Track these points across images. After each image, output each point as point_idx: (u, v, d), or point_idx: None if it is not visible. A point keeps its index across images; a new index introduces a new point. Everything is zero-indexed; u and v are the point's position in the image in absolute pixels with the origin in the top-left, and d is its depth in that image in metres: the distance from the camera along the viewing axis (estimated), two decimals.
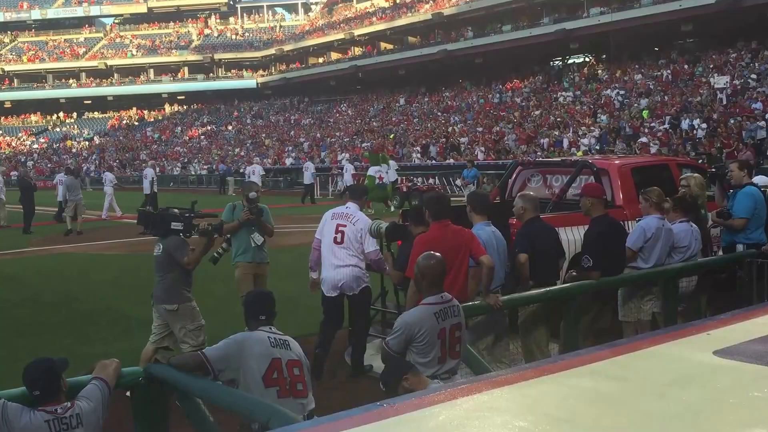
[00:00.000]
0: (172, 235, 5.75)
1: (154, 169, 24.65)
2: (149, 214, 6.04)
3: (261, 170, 27.13)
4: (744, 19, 30.83)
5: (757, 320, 2.87)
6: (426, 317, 3.83)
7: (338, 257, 6.25)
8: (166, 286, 5.78)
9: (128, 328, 8.29)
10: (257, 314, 3.74)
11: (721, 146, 21.81)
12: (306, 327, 8.06)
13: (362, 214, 6.48)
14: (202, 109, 62.76)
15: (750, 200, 6.43)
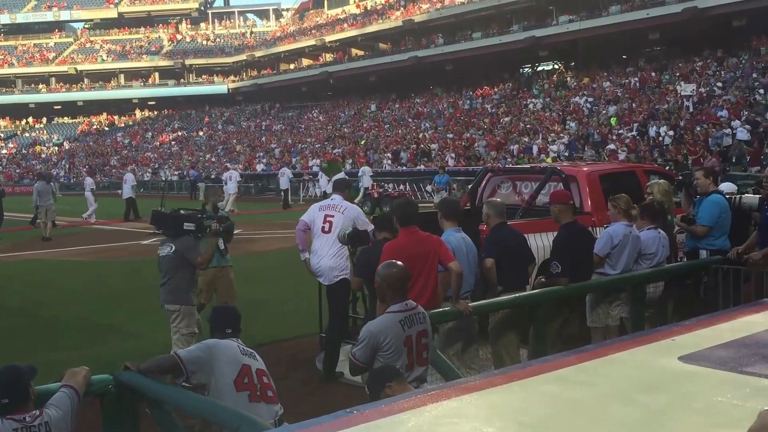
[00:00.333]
0: (184, 235, 5.85)
1: (134, 174, 24.70)
2: (163, 214, 6.09)
3: (238, 176, 27.04)
4: (709, 27, 31.51)
5: (721, 326, 2.92)
6: (391, 325, 3.79)
7: (322, 246, 6.42)
8: (173, 287, 5.88)
9: (97, 335, 8.18)
10: (224, 328, 3.76)
11: (687, 153, 22.21)
12: (279, 331, 8.04)
13: (349, 203, 6.64)
14: (173, 114, 62.17)
15: (715, 208, 6.56)
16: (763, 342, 2.61)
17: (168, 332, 7.78)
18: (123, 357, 6.84)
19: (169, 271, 5.89)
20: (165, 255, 5.90)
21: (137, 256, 15.00)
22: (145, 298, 10.26)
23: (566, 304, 5.91)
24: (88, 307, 9.90)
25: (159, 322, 8.65)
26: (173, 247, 5.84)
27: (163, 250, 5.94)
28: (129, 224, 21.70)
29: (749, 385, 2.12)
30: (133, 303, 10.03)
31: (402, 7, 47.34)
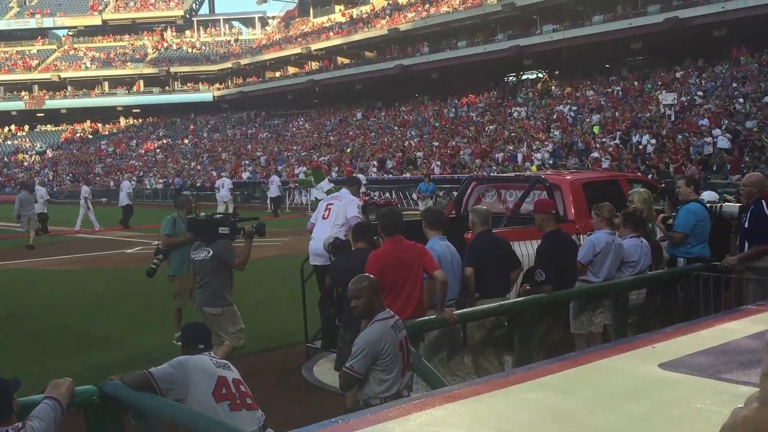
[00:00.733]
0: (219, 239, 6.04)
1: (131, 182, 24.83)
2: (197, 220, 6.38)
3: (230, 184, 27.04)
4: (690, 38, 31.91)
5: (700, 333, 2.97)
6: (385, 331, 3.86)
7: (321, 231, 6.82)
8: (214, 290, 6.08)
9: (81, 345, 8.12)
10: (195, 344, 3.77)
11: (669, 161, 22.44)
12: (267, 339, 8.02)
13: (352, 196, 7.02)
14: (158, 122, 61.89)
15: (691, 216, 6.64)
16: (741, 349, 2.65)
17: (153, 342, 7.77)
18: (107, 367, 6.82)
19: (206, 275, 6.08)
20: (201, 259, 6.10)
21: (121, 264, 14.92)
22: (129, 307, 10.23)
23: (550, 311, 5.96)
24: (71, 316, 9.82)
25: (143, 331, 8.63)
26: (210, 252, 6.04)
27: (199, 254, 6.14)
28: (114, 232, 21.59)
29: (727, 392, 2.16)
30: (116, 312, 9.97)
31: (387, 16, 47.53)
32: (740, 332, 2.87)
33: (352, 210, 6.91)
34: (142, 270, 13.62)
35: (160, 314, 9.48)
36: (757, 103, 25.34)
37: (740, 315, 3.25)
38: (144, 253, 16.81)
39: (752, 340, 2.74)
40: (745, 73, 28.98)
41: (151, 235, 20.17)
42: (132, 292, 11.46)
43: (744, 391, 2.19)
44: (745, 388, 2.24)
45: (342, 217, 6.90)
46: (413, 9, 46.25)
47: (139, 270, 13.86)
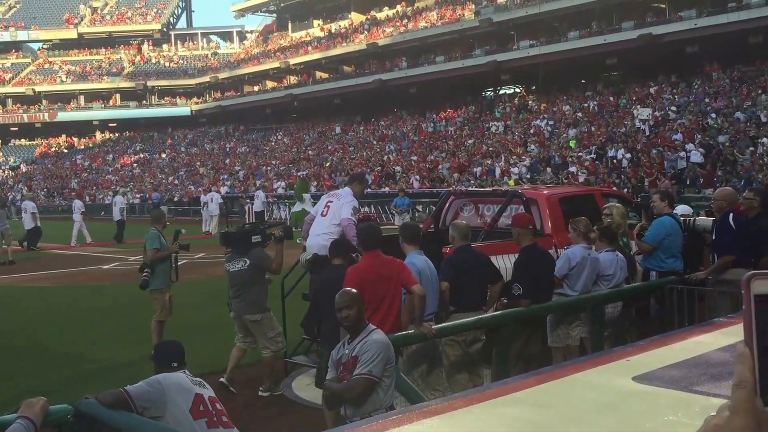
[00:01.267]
0: (253, 248, 6.35)
1: (124, 197, 25.18)
2: (230, 234, 6.76)
3: (219, 198, 26.90)
4: (664, 54, 32.47)
5: (673, 346, 3.01)
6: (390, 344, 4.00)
7: (319, 227, 6.89)
8: (253, 298, 6.41)
9: (55, 363, 8.00)
10: (169, 362, 3.76)
11: (644, 175, 22.75)
12: (244, 356, 7.96)
13: (351, 195, 7.07)
14: (135, 136, 61.42)
15: (660, 229, 6.77)
16: (712, 362, 2.70)
17: (128, 358, 7.70)
18: (81, 384, 6.73)
19: (244, 285, 6.38)
20: (238, 270, 6.40)
21: (96, 281, 14.76)
22: (103, 324, 10.11)
23: (528, 324, 6.00)
24: (44, 334, 9.68)
25: (117, 348, 8.54)
26: (247, 261, 6.34)
27: (235, 265, 6.44)
28: (90, 248, 21.37)
29: (698, 404, 2.20)
30: (90, 329, 9.85)
31: (366, 31, 47.79)
32: (711, 345, 2.92)
33: (346, 211, 6.84)
34: (118, 286, 13.48)
35: (135, 330, 9.39)
36: (729, 118, 25.83)
37: (711, 328, 3.31)
38: (120, 269, 16.65)
39: (723, 352, 2.79)
40: (717, 88, 29.54)
41: (128, 251, 20.00)
42: (106, 310, 11.34)
43: (714, 403, 2.22)
44: (715, 400, 2.28)
45: (338, 216, 6.87)
46: (391, 24, 46.57)
47: (114, 286, 13.79)
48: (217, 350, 8.37)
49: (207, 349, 8.18)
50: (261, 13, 60.88)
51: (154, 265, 7.89)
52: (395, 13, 48.05)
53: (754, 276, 0.88)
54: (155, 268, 7.89)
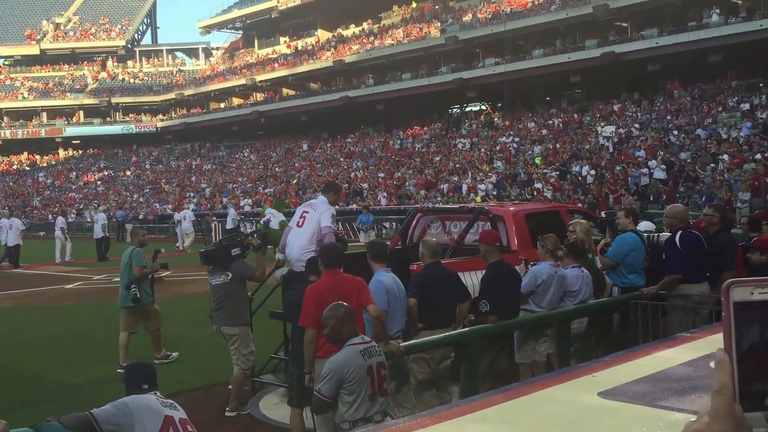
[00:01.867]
0: (234, 261, 6.52)
1: (106, 214, 25.23)
2: (210, 252, 6.87)
3: (192, 216, 26.61)
4: (626, 72, 33.19)
5: (637, 361, 3.04)
6: (353, 356, 4.01)
7: (296, 238, 6.89)
8: (234, 311, 6.52)
9: (16, 385, 7.80)
10: (140, 384, 3.69)
11: (608, 192, 23.11)
12: (212, 376, 7.85)
13: (327, 204, 7.08)
14: (99, 154, 60.51)
15: (622, 245, 6.91)
16: (675, 376, 2.73)
17: (91, 378, 7.55)
18: (43, 406, 6.55)
19: (225, 297, 6.48)
20: (220, 283, 6.53)
21: (59, 301, 14.44)
22: (66, 345, 9.87)
23: (495, 341, 6.03)
24: (4, 355, 9.42)
25: (81, 368, 8.35)
26: (229, 275, 6.48)
27: (216, 279, 6.57)
28: (55, 267, 20.95)
29: (662, 419, 2.23)
30: (53, 350, 9.62)
31: (332, 48, 47.96)
32: (675, 360, 2.96)
33: (325, 219, 6.81)
34: (81, 306, 13.19)
35: (99, 350, 9.20)
36: (690, 135, 26.44)
37: (675, 343, 3.36)
38: (84, 288, 16.31)
39: (686, 367, 2.83)
40: (679, 106, 30.24)
41: (92, 270, 19.62)
42: (70, 328, 11.10)
43: (678, 417, 2.26)
44: (679, 414, 2.31)
45: (314, 227, 6.79)
46: (358, 41, 46.82)
47: (78, 306, 13.48)
48: (182, 369, 8.25)
49: (171, 368, 8.05)
50: (227, 30, 60.73)
51: (141, 281, 8.36)
52: (361, 30, 48.37)
53: (733, 284, 0.90)
54: (140, 286, 8.35)
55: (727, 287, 0.90)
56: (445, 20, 42.45)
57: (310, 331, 4.88)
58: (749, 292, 0.89)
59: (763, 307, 0.89)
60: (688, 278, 6.36)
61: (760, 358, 0.88)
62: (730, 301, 0.89)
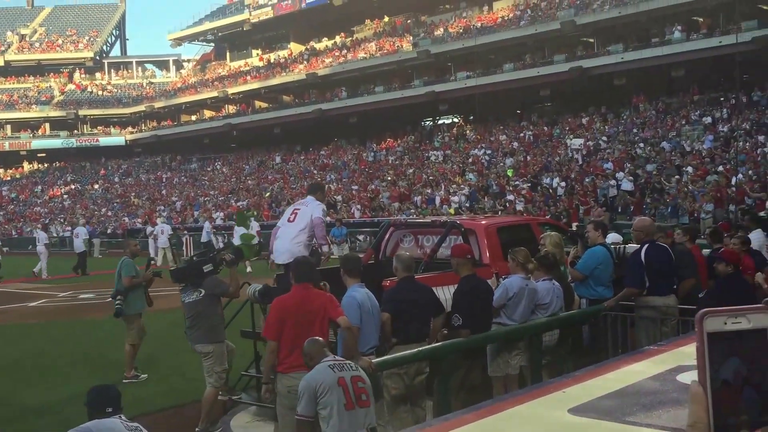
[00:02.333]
0: (206, 278, 6.43)
1: (87, 228, 24.95)
2: (181, 269, 6.85)
3: (170, 230, 26.29)
4: (594, 85, 33.78)
5: (606, 376, 3.07)
6: (322, 370, 4.10)
7: (287, 233, 7.02)
8: (207, 328, 6.43)
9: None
10: (103, 408, 3.61)
11: (578, 203, 23.40)
12: (183, 395, 7.74)
13: (317, 201, 7.33)
14: (66, 167, 59.52)
15: (591, 259, 7.02)
16: (643, 391, 2.77)
17: (52, 399, 7.40)
18: (9, 429, 6.39)
19: (199, 314, 6.41)
20: (193, 300, 6.44)
21: (21, 320, 14.10)
22: (28, 366, 9.63)
23: (468, 355, 6.04)
24: None
25: (44, 390, 8.16)
26: (202, 292, 6.40)
27: (189, 296, 6.49)
28: (19, 285, 20.50)
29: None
30: (16, 371, 9.39)
31: (305, 61, 47.99)
32: (642, 374, 3.00)
33: (317, 211, 7.10)
34: (45, 325, 12.90)
35: (62, 371, 9.02)
36: (655, 147, 26.94)
37: (643, 356, 3.41)
38: (49, 306, 15.98)
39: (653, 381, 2.87)
40: (644, 119, 30.82)
41: (57, 287, 19.25)
42: (33, 348, 10.85)
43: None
44: (647, 430, 2.34)
45: (306, 221, 7.00)
46: (330, 54, 46.91)
47: (41, 325, 13.17)
48: (149, 388, 8.11)
49: (138, 388, 7.91)
50: (198, 42, 60.40)
51: (128, 293, 8.34)
52: (334, 43, 48.49)
53: (706, 314, 0.89)
54: (128, 296, 8.35)
55: (701, 318, 0.89)
56: (417, 34, 42.78)
57: (271, 342, 4.97)
58: (722, 323, 0.88)
59: (736, 338, 0.87)
60: (654, 291, 6.46)
61: (735, 391, 0.87)
62: (703, 332, 0.88)
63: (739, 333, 0.88)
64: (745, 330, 0.88)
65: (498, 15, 40.28)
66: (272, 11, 50.08)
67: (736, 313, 0.88)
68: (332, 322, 5.00)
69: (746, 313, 0.88)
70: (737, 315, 0.88)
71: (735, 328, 0.88)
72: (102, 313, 14.13)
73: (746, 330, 0.88)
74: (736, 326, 0.88)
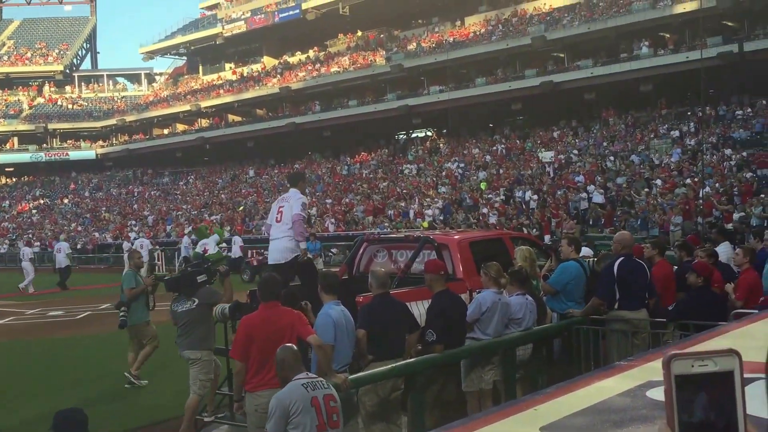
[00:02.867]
0: (200, 287, 6.57)
1: (68, 243, 25.47)
2: (175, 279, 6.95)
3: (149, 245, 26.11)
4: (564, 100, 34.25)
5: (578, 393, 3.10)
6: (295, 389, 4.03)
7: (275, 233, 7.18)
8: (199, 336, 6.55)
9: None
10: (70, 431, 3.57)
11: (550, 216, 23.63)
12: (156, 413, 7.64)
13: (299, 194, 7.37)
14: (34, 181, 58.55)
15: (563, 274, 7.11)
16: (614, 408, 2.80)
17: (15, 421, 7.26)
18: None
19: (191, 323, 6.53)
20: (186, 309, 6.56)
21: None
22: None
23: (442, 370, 6.05)
24: None
25: (11, 411, 7.98)
26: (196, 301, 6.54)
27: (182, 305, 6.60)
28: None
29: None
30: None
31: (279, 75, 47.95)
32: (612, 390, 3.03)
33: (296, 207, 7.13)
34: (11, 344, 12.61)
35: (27, 392, 8.84)
36: (625, 160, 27.36)
37: (613, 371, 3.44)
38: (17, 324, 15.64)
39: (623, 398, 2.90)
40: (614, 133, 31.33)
41: (26, 304, 18.86)
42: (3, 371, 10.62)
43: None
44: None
45: (290, 220, 7.07)
46: (304, 68, 46.96)
47: (7, 344, 12.86)
48: (118, 408, 7.97)
49: (108, 408, 7.78)
50: (171, 56, 60.09)
51: (131, 303, 8.59)
52: (308, 57, 48.55)
53: (674, 357, 0.90)
54: (131, 306, 8.59)
55: (668, 360, 0.90)
56: (390, 49, 43.05)
57: (238, 363, 5.00)
58: (689, 365, 0.89)
59: (703, 380, 0.88)
60: (625, 305, 6.53)
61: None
62: (671, 375, 0.89)
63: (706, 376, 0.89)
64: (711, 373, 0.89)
65: (470, 30, 40.74)
66: (245, 25, 50.02)
67: (703, 357, 0.89)
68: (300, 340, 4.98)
69: (713, 356, 0.90)
70: (704, 358, 0.89)
71: (702, 371, 0.89)
72: (71, 330, 13.93)
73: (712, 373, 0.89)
74: (703, 369, 0.89)
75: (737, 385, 0.89)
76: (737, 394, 0.89)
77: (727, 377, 0.89)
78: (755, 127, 26.45)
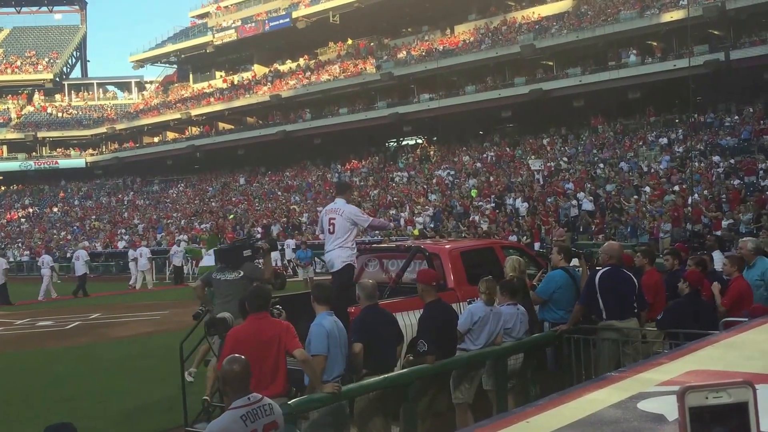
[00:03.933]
0: (246, 261, 6.95)
1: (87, 251, 25.79)
2: (226, 250, 7.49)
3: (148, 252, 26.05)
4: (553, 107, 34.43)
5: (568, 405, 3.11)
6: (231, 422, 3.60)
7: (329, 243, 7.34)
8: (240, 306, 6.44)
9: None
10: None
11: (540, 224, 23.71)
12: (140, 425, 7.58)
13: (348, 205, 7.52)
14: (24, 190, 58.21)
15: (550, 283, 7.15)
16: (605, 420, 2.81)
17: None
18: None
19: (235, 293, 6.66)
20: (232, 279, 6.87)
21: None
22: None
23: (434, 381, 6.05)
24: None
25: (13, 421, 7.91)
26: (241, 273, 6.87)
27: (228, 275, 6.91)
28: None
29: None
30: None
31: (269, 83, 47.97)
32: (603, 402, 3.04)
33: (362, 220, 7.50)
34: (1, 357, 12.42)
35: (16, 407, 8.76)
36: (614, 168, 27.51)
37: (604, 383, 3.46)
38: (4, 334, 15.50)
39: (614, 410, 2.91)
40: (603, 140, 31.50)
41: (15, 314, 18.70)
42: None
43: None
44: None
45: (344, 233, 7.23)
46: (294, 76, 47.00)
47: (10, 355, 12.72)
48: (104, 423, 7.89)
49: (97, 422, 7.72)
50: (161, 64, 59.96)
51: None
52: (298, 65, 48.61)
53: (688, 389, 0.89)
54: None
55: (682, 393, 0.89)
56: (380, 57, 43.17)
57: None
58: (704, 397, 0.89)
59: (718, 412, 0.88)
60: (614, 314, 6.54)
61: None
62: (685, 408, 0.89)
63: (720, 407, 0.89)
64: (726, 404, 0.89)
65: (459, 38, 40.94)
66: (236, 34, 50.04)
67: (717, 388, 0.89)
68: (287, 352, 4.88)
69: (727, 388, 0.89)
70: (718, 390, 0.89)
71: (716, 402, 0.89)
72: (60, 341, 13.80)
73: (727, 404, 0.89)
74: (717, 401, 0.89)
75: (752, 416, 0.88)
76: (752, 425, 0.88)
77: (741, 408, 0.89)
78: (742, 135, 26.68)
